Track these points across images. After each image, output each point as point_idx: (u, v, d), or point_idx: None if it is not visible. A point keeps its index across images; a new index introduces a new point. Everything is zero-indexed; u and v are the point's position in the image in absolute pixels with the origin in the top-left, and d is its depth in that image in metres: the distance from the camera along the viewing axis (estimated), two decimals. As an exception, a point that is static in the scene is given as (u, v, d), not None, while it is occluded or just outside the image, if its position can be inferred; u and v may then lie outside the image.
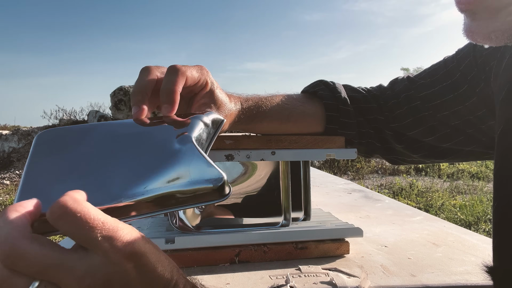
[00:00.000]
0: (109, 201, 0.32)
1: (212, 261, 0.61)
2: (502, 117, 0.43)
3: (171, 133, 0.39)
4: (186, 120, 0.43)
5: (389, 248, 0.69)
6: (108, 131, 0.41)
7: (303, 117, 0.63)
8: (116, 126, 0.42)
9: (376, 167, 6.98)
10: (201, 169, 0.34)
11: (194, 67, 0.50)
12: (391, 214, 0.96)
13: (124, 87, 8.07)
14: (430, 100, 0.61)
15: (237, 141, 0.57)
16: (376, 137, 0.66)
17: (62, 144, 0.39)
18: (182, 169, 0.34)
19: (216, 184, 0.33)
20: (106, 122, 0.42)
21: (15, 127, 10.18)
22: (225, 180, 0.33)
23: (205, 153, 0.37)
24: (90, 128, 0.41)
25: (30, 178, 0.35)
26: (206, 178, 0.33)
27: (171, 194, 0.33)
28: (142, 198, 0.32)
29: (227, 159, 0.56)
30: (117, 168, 0.35)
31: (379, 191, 4.95)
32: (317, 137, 0.61)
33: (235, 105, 0.57)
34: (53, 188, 0.33)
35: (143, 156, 0.37)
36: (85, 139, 0.39)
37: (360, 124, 0.65)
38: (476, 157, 0.63)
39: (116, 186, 0.33)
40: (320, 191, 1.30)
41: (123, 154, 0.37)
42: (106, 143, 0.39)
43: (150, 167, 0.35)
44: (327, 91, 0.65)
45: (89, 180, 0.34)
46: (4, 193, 5.26)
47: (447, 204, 4.24)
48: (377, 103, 0.66)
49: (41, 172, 0.36)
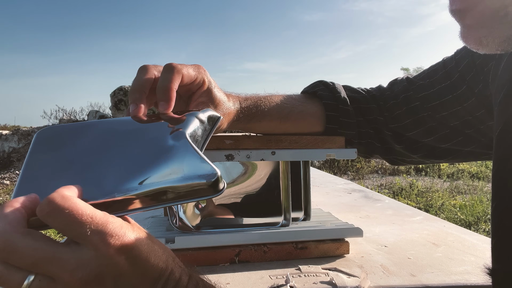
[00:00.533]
0: (103, 196, 0.32)
1: (212, 261, 0.61)
2: (501, 118, 0.43)
3: (166, 130, 0.40)
4: (182, 117, 0.43)
5: (389, 248, 0.69)
6: (105, 128, 0.41)
7: (303, 117, 0.63)
8: (113, 123, 0.42)
9: (376, 167, 6.98)
10: (195, 165, 0.34)
11: (191, 65, 0.50)
12: (391, 214, 0.96)
13: (124, 87, 8.07)
14: (429, 101, 0.61)
15: (237, 141, 0.57)
16: (376, 137, 0.66)
17: (61, 141, 0.40)
18: (176, 165, 0.35)
19: (210, 179, 0.33)
20: (104, 120, 0.43)
21: (15, 127, 10.18)
22: (218, 176, 0.33)
23: (200, 149, 0.37)
24: (87, 126, 0.42)
25: (28, 174, 0.36)
26: (199, 174, 0.33)
27: (165, 189, 0.33)
28: (136, 193, 0.33)
29: (227, 159, 0.56)
30: (112, 164, 0.36)
31: (379, 191, 4.95)
32: (317, 137, 0.61)
33: (234, 104, 0.57)
34: (50, 184, 0.34)
35: (138, 152, 0.37)
36: (83, 136, 0.40)
37: (360, 124, 0.65)
38: (476, 157, 0.63)
39: (110, 182, 0.34)
40: (320, 191, 1.30)
41: (118, 151, 0.37)
42: (102, 140, 0.39)
43: (144, 163, 0.35)
44: (326, 91, 0.65)
45: (85, 176, 0.35)
46: (4, 193, 5.26)
47: (447, 204, 4.24)
48: (377, 103, 0.66)
49: (39, 168, 0.37)
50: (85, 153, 0.38)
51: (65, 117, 8.38)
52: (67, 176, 0.35)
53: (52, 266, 0.28)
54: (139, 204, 0.33)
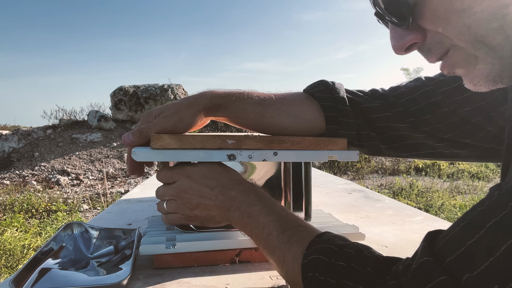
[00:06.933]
0: None
1: (213, 260, 0.62)
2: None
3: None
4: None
5: (389, 248, 0.69)
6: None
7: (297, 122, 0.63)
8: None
9: (376, 167, 6.98)
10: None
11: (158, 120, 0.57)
12: (391, 214, 0.96)
13: (124, 87, 8.06)
14: (451, 96, 0.59)
15: (240, 141, 0.57)
16: (378, 138, 0.65)
17: None
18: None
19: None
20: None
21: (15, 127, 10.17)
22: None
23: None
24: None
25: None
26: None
27: None
28: None
29: (229, 159, 0.56)
30: None
31: (379, 191, 4.95)
32: (319, 139, 0.61)
33: (193, 116, 0.59)
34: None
35: None
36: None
37: (360, 126, 0.64)
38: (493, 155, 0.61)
39: None
40: (320, 191, 1.30)
41: None
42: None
43: None
44: (326, 92, 0.65)
45: None
46: (4, 193, 5.26)
47: (447, 204, 4.24)
48: (386, 100, 0.65)
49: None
50: None
51: (65, 117, 8.36)
52: None
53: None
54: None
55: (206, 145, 0.55)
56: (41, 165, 6.48)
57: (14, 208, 4.30)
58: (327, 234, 0.45)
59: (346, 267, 0.38)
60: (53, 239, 0.66)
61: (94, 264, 0.62)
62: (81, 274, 0.56)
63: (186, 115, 0.57)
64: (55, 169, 6.39)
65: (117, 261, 0.62)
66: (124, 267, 0.57)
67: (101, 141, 7.42)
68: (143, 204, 1.10)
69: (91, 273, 0.57)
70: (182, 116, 0.57)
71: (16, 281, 0.51)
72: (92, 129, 7.78)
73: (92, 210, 4.39)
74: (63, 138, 7.44)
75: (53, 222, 3.73)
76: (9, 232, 3.25)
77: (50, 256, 0.61)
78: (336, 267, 0.38)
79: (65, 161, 6.66)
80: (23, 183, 5.87)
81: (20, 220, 3.68)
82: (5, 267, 2.68)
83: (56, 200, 4.65)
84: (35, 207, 4.27)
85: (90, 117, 8.01)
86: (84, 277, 0.54)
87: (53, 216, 3.94)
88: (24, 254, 2.85)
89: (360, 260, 0.38)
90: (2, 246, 2.91)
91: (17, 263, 2.73)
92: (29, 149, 7.01)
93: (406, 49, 0.37)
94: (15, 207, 4.32)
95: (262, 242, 0.49)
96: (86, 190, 5.52)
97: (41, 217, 4.06)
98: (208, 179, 0.55)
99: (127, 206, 1.07)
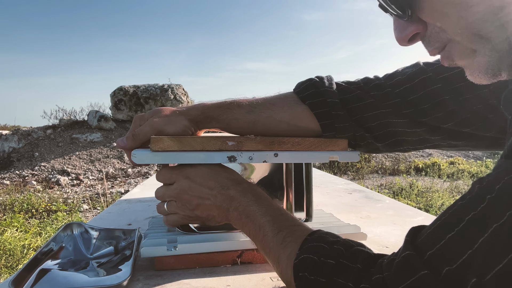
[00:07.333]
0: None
1: (214, 262, 0.61)
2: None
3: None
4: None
5: (390, 248, 0.69)
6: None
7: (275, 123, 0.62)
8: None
9: (376, 167, 6.98)
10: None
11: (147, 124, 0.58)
12: (392, 215, 0.96)
13: (124, 87, 8.06)
14: (451, 83, 0.57)
15: (240, 143, 0.56)
16: (373, 137, 0.63)
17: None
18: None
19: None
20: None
21: (15, 127, 10.17)
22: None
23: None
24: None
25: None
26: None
27: None
28: None
29: (229, 161, 0.55)
30: None
31: (379, 191, 4.95)
32: (320, 139, 0.60)
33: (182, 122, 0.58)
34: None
35: None
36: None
37: (353, 127, 0.62)
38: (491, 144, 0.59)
39: None
40: (320, 191, 1.30)
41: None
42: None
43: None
44: (317, 97, 0.61)
45: None
46: (4, 193, 5.26)
47: (447, 204, 4.23)
48: (381, 91, 0.61)
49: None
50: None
51: (65, 117, 8.36)
52: None
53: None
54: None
55: (206, 147, 0.55)
56: (41, 165, 6.47)
57: (14, 208, 4.30)
58: (319, 232, 0.45)
59: (336, 264, 0.38)
60: (52, 240, 0.66)
61: (94, 264, 0.62)
62: (81, 275, 0.55)
63: (176, 120, 0.58)
64: (55, 169, 6.39)
65: (117, 262, 0.62)
66: (124, 268, 0.57)
67: (101, 141, 7.41)
68: (143, 204, 1.10)
69: (91, 273, 0.57)
70: (172, 119, 0.58)
71: (15, 282, 0.51)
72: (92, 129, 7.78)
73: (92, 210, 4.39)
74: (63, 138, 7.43)
75: (53, 222, 3.73)
76: (9, 232, 3.25)
77: (50, 257, 0.61)
78: (325, 266, 0.39)
79: (65, 161, 6.66)
80: (23, 183, 5.87)
81: (20, 220, 3.68)
82: (5, 267, 2.68)
83: (56, 200, 4.65)
84: (35, 207, 4.27)
85: (90, 117, 8.01)
86: (84, 278, 0.54)
87: (53, 216, 3.93)
88: (24, 254, 2.85)
89: (349, 255, 0.39)
90: (2, 246, 2.91)
91: (17, 263, 2.73)
92: (29, 149, 7.01)
93: (409, 40, 0.38)
94: (15, 207, 4.32)
95: (259, 243, 0.50)
96: (86, 190, 5.52)
97: (41, 217, 4.06)
98: (207, 180, 0.55)
99: (127, 206, 1.07)
